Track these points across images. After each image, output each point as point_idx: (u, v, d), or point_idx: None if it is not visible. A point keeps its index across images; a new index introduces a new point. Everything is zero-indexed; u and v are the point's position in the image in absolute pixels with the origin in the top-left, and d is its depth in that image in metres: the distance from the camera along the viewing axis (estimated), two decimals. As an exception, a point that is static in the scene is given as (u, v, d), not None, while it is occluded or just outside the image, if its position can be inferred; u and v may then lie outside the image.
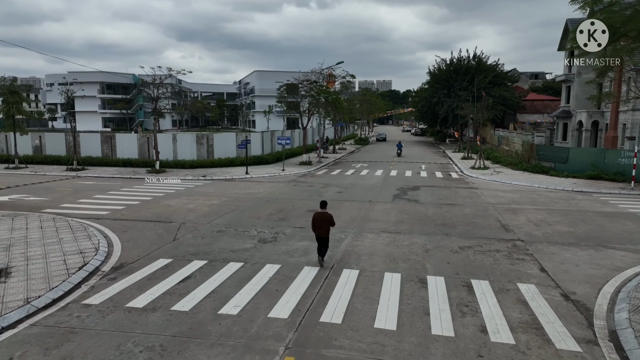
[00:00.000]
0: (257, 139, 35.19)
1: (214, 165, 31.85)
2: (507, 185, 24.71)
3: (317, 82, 34.33)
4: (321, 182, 25.74)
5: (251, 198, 20.45)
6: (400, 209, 18.06)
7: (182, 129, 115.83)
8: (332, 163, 37.18)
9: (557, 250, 12.61)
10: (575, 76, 42.04)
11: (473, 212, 17.57)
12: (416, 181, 26.26)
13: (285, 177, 28.18)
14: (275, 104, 36.21)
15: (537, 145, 31.01)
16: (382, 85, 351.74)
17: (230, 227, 15.19)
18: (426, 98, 60.99)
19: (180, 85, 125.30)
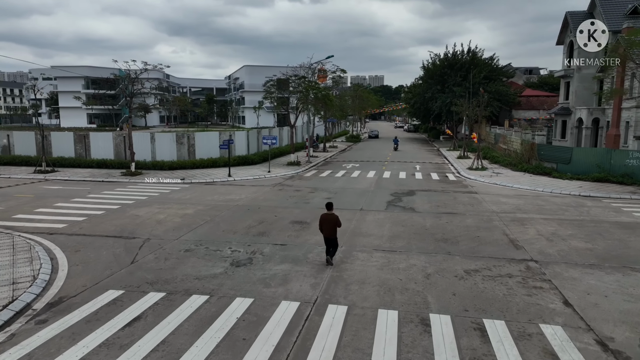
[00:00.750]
0: (242, 138, 33.16)
1: (196, 166, 29.78)
2: (508, 189, 22.96)
3: (305, 78, 32.33)
4: (309, 186, 23.83)
5: (230, 206, 18.48)
6: (395, 220, 16.21)
7: (170, 125, 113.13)
8: (321, 163, 35.25)
9: (579, 274, 10.83)
10: (575, 71, 40.43)
11: (476, 223, 15.76)
12: (411, 184, 24.43)
13: (270, 179, 26.22)
14: (262, 100, 34.09)
15: (538, 144, 29.33)
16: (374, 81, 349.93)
17: (201, 244, 13.24)
18: (420, 94, 59.23)
19: (168, 81, 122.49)
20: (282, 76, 34.46)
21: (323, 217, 11.35)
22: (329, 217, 11.25)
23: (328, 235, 11.24)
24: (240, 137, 32.97)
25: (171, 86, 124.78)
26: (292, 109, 33.13)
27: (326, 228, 11.20)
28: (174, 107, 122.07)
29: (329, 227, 11.15)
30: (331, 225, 11.15)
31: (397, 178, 26.88)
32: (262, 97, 33.67)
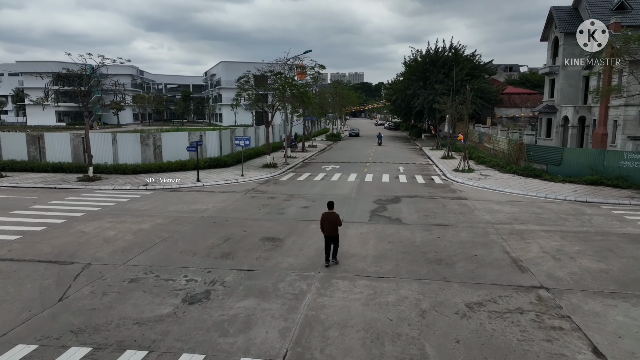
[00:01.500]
0: (214, 138, 30.85)
1: (162, 169, 27.38)
2: (499, 194, 21.34)
3: (281, 74, 30.18)
4: (285, 192, 21.77)
5: (194, 218, 16.30)
6: (380, 234, 14.30)
7: (145, 123, 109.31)
8: (300, 164, 33.20)
9: (600, 306, 9.10)
10: (560, 68, 39.29)
11: (471, 237, 13.98)
12: (395, 189, 22.62)
13: (243, 184, 24.05)
14: (235, 97, 31.84)
15: (527, 144, 27.89)
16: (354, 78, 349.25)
17: (151, 270, 11.08)
18: (401, 90, 57.65)
19: (142, 77, 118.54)
20: (257, 72, 32.21)
21: (324, 216, 11.61)
22: (331, 217, 11.51)
23: (330, 234, 11.46)
24: (211, 137, 30.65)
25: (145, 83, 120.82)
26: (268, 107, 30.98)
27: (328, 227, 11.42)
28: (149, 104, 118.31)
29: (330, 226, 11.40)
30: (333, 224, 11.42)
31: (380, 182, 25.04)
32: (236, 95, 31.38)
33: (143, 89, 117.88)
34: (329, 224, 11.47)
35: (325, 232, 11.56)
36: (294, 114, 35.55)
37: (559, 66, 39.44)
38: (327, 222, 11.50)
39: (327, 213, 11.69)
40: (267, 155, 30.87)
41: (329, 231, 11.50)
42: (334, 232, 11.50)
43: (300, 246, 13.06)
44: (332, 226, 11.46)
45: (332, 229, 11.46)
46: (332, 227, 11.46)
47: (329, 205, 11.89)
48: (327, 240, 11.60)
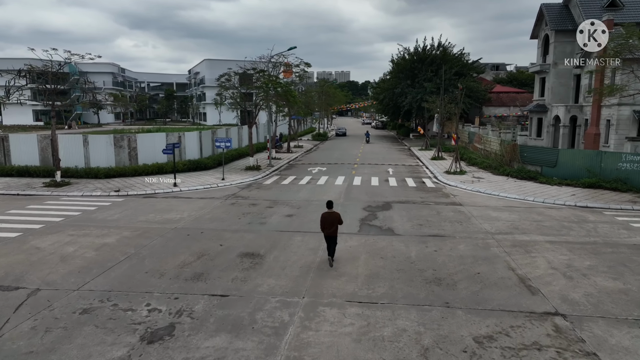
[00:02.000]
0: (194, 139, 29.21)
1: (138, 173, 25.70)
2: (495, 199, 20.19)
3: (265, 71, 28.67)
4: (268, 198, 20.31)
5: (166, 230, 14.77)
6: (371, 248, 12.96)
7: (127, 122, 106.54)
8: (284, 166, 31.74)
9: (628, 339, 7.87)
10: (550, 67, 38.47)
11: (471, 250, 12.72)
12: (386, 194, 21.32)
13: (224, 189, 22.53)
14: (217, 96, 30.27)
15: (520, 145, 26.85)
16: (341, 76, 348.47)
17: (109, 298, 9.57)
18: (389, 89, 56.45)
19: (124, 75, 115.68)
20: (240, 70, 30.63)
21: (325, 215, 11.58)
22: (332, 216, 11.50)
23: (330, 233, 11.46)
24: (191, 138, 29.02)
25: (127, 81, 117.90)
26: (251, 106, 29.46)
27: (329, 227, 11.41)
28: (131, 103, 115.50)
29: (332, 225, 11.40)
30: (334, 224, 11.44)
31: (369, 185, 23.73)
32: (216, 94, 29.77)
33: (125, 87, 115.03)
34: (330, 224, 11.44)
35: (326, 231, 11.52)
36: (279, 114, 34.05)
37: (549, 64, 38.63)
38: (329, 222, 11.45)
39: (327, 213, 11.61)
40: (250, 157, 29.35)
41: (329, 231, 11.48)
42: (334, 232, 11.51)
43: (282, 263, 11.65)
44: (333, 226, 11.45)
45: (332, 228, 11.46)
46: (333, 227, 11.46)
47: (328, 205, 11.84)
48: (327, 239, 11.64)
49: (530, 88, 68.54)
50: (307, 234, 14.33)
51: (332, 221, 11.45)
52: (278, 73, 33.94)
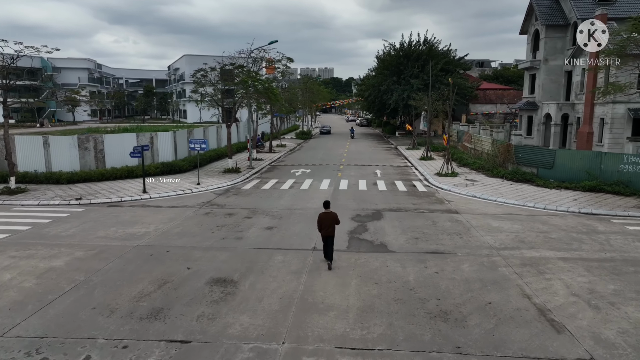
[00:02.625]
0: (167, 140, 27.10)
1: (105, 177, 23.56)
2: (493, 205, 18.69)
3: (244, 67, 26.69)
4: (246, 206, 18.45)
5: (126, 249, 12.83)
6: (363, 270, 11.25)
7: (104, 120, 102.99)
8: (266, 168, 29.86)
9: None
10: (541, 63, 37.30)
11: (477, 272, 11.11)
12: (375, 200, 19.66)
13: (198, 195, 20.59)
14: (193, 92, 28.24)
15: (515, 146, 25.47)
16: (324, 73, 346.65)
17: (39, 348, 7.66)
18: (374, 86, 54.86)
19: (100, 71, 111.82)
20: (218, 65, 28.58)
21: (322, 215, 11.47)
22: (329, 216, 11.40)
23: (327, 233, 11.36)
24: (164, 139, 26.90)
25: (104, 77, 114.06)
26: (230, 104, 27.47)
27: (326, 227, 11.32)
28: (108, 100, 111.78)
29: (329, 226, 11.32)
30: (332, 224, 11.34)
31: (356, 189, 22.05)
32: (191, 90, 27.74)
33: (102, 83, 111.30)
34: (327, 224, 11.31)
35: (323, 232, 11.41)
36: (260, 112, 32.09)
37: (540, 60, 37.45)
38: (326, 222, 11.33)
39: (324, 213, 11.51)
40: (229, 159, 27.38)
41: (326, 231, 11.36)
42: (332, 232, 11.38)
43: (259, 293, 9.86)
44: (330, 226, 11.33)
45: (330, 229, 11.34)
46: (330, 227, 11.34)
47: (325, 205, 11.76)
48: (324, 239, 11.51)
49: (517, 85, 67.83)
50: (289, 252, 12.55)
51: (330, 222, 11.28)
52: (259, 69, 32.01)
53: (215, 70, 27.14)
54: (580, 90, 33.89)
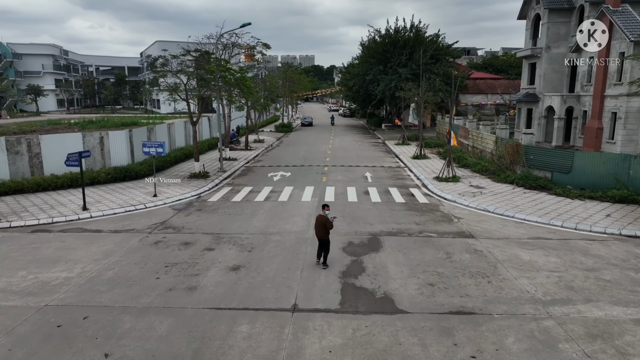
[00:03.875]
0: (122, 140, 22.99)
1: (42, 187, 19.47)
2: (512, 224, 15.34)
3: (211, 54, 22.66)
4: (209, 230, 14.70)
5: (23, 315, 9.00)
6: (366, 351, 7.71)
7: (72, 110, 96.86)
8: (239, 171, 26.02)
9: None
10: (543, 51, 34.09)
11: (531, 353, 7.67)
12: (369, 217, 16.12)
13: (152, 212, 16.73)
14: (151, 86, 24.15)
15: (525, 146, 22.19)
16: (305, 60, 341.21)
17: None
18: (359, 75, 51.14)
19: (67, 58, 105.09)
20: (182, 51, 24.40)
21: (317, 218, 11.45)
22: (320, 219, 11.30)
23: (320, 237, 11.34)
24: (117, 139, 22.78)
25: (71, 64, 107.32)
26: (195, 98, 23.44)
27: (317, 230, 11.36)
28: (76, 89, 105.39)
29: (319, 230, 11.27)
30: (320, 229, 11.23)
31: (345, 201, 18.48)
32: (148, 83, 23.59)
33: (69, 71, 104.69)
34: (319, 229, 11.26)
35: (317, 235, 11.41)
36: (232, 106, 28.10)
37: (541, 48, 34.21)
38: (317, 223, 11.33)
39: (319, 216, 11.44)
40: (195, 163, 23.43)
41: (318, 234, 11.34)
42: (323, 236, 11.27)
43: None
44: (320, 230, 11.23)
45: (321, 232, 11.24)
46: (321, 231, 11.24)
47: (323, 207, 11.65)
48: (319, 241, 11.47)
49: (507, 74, 64.92)
50: (259, 317, 8.91)
51: (319, 226, 11.23)
52: (230, 56, 27.93)
53: (177, 58, 23.01)
54: (587, 81, 30.84)
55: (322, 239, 11.31)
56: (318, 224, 11.31)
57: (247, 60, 40.85)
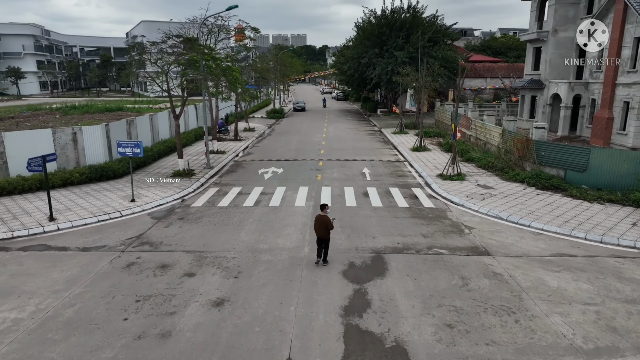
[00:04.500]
0: (97, 135, 21.00)
1: (7, 191, 17.56)
2: (530, 236, 13.79)
3: (193, 40, 20.51)
4: (191, 246, 12.99)
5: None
6: None
7: (56, 93, 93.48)
8: (228, 167, 24.20)
9: None
10: (549, 34, 32.20)
11: None
12: (370, 227, 14.49)
13: (127, 223, 14.95)
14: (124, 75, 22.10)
15: (536, 141, 20.53)
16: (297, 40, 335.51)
17: None
18: (354, 58, 48.94)
19: (49, 38, 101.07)
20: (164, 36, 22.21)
21: (317, 218, 11.43)
22: (322, 219, 11.30)
23: (321, 236, 11.38)
24: (92, 134, 20.79)
25: (54, 45, 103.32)
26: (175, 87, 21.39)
27: (318, 229, 11.35)
28: (61, 71, 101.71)
29: (320, 228, 11.28)
30: (322, 228, 11.25)
31: (343, 206, 16.82)
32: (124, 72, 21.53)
33: (52, 52, 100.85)
34: (319, 229, 11.30)
35: (317, 234, 11.41)
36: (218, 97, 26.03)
37: (548, 31, 32.32)
38: (318, 227, 11.31)
39: (320, 215, 11.42)
40: (179, 160, 21.55)
41: (320, 234, 11.35)
42: (325, 235, 11.35)
43: None
44: (322, 230, 11.26)
45: (322, 232, 11.29)
46: (322, 231, 11.29)
47: (321, 208, 11.61)
48: (318, 242, 11.55)
49: (505, 56, 62.97)
50: (246, 379, 7.27)
51: (321, 224, 11.26)
52: (217, 40, 25.75)
53: (156, 45, 20.88)
54: (597, 68, 29.11)
55: (322, 238, 11.39)
56: (319, 223, 11.30)
57: (237, 39, 38.58)
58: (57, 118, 47.95)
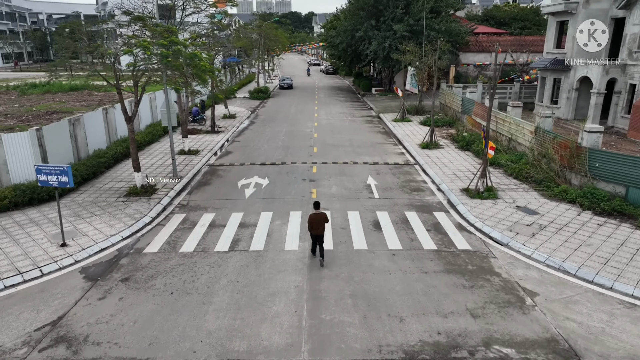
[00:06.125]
0: (25, 145, 15.98)
1: None
2: (623, 312, 9.71)
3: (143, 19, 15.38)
4: (127, 349, 8.60)
5: None
6: None
7: (20, 66, 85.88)
8: (199, 178, 19.51)
9: None
10: (580, 6, 27.48)
11: None
12: (393, 300, 10.24)
13: (46, 291, 10.46)
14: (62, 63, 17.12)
15: (589, 149, 16.21)
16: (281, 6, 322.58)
17: None
18: (346, 31, 43.57)
19: (10, 4, 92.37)
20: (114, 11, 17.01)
21: (312, 217, 11.34)
22: (319, 216, 11.31)
23: (317, 233, 11.37)
24: (16, 144, 15.82)
25: (16, 12, 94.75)
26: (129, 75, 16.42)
27: (316, 227, 11.29)
28: (25, 41, 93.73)
29: (319, 225, 11.28)
30: (321, 223, 11.29)
31: (350, 250, 12.48)
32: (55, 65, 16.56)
33: (14, 20, 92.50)
34: (317, 225, 11.27)
35: (314, 232, 11.38)
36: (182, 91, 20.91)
37: (578, 2, 27.59)
38: (315, 222, 11.26)
39: (314, 213, 11.37)
40: (136, 173, 16.80)
41: (317, 231, 11.34)
42: (322, 231, 11.36)
43: None
44: (320, 226, 11.29)
45: (320, 228, 11.32)
46: (320, 227, 11.31)
47: (315, 206, 11.57)
48: (314, 238, 11.59)
49: (509, 27, 57.91)
50: None
51: (319, 221, 11.24)
52: (183, 17, 20.55)
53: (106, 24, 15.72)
54: (638, 47, 24.68)
55: (319, 235, 11.36)
56: (316, 222, 11.23)
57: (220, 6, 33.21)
58: (12, 99, 42.23)
